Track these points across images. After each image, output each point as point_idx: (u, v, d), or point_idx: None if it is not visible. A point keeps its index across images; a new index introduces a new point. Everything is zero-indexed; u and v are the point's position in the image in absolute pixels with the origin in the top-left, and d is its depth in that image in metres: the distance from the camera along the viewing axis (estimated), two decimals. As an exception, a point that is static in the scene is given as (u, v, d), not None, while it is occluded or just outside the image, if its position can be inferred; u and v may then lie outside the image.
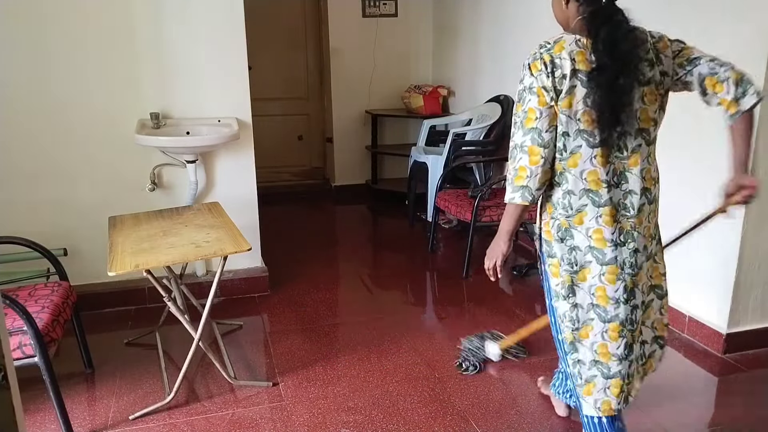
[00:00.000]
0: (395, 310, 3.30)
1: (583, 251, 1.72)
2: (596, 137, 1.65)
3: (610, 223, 1.69)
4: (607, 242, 1.70)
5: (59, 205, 3.13)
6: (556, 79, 1.62)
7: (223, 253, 2.26)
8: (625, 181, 1.70)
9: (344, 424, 2.28)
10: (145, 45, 3.10)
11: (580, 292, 1.75)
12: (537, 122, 1.65)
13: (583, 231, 1.71)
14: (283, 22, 5.58)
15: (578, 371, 1.80)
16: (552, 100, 1.63)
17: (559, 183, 1.73)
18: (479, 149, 4.48)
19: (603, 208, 1.69)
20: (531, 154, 1.66)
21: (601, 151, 1.66)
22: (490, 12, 4.60)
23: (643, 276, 1.77)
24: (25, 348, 2.01)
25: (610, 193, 1.68)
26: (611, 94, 1.59)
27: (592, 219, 1.70)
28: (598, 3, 1.65)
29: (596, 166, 1.67)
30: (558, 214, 1.75)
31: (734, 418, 2.32)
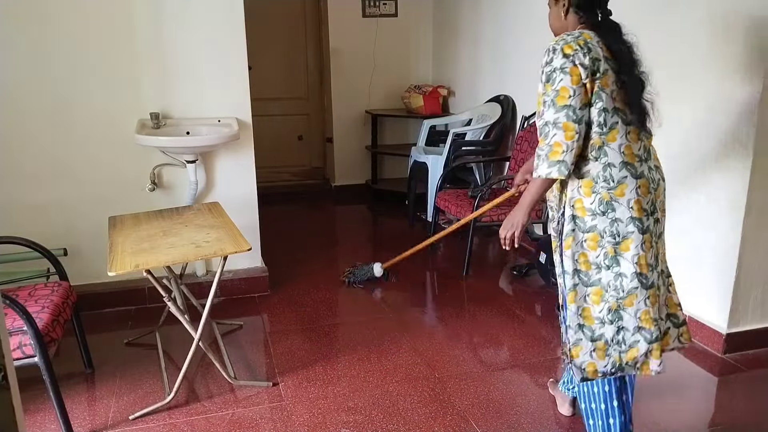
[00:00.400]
0: (395, 310, 3.30)
1: (625, 222, 1.80)
2: (627, 116, 1.80)
3: (645, 194, 1.81)
4: (643, 212, 1.81)
5: (59, 205, 3.13)
6: (592, 59, 1.75)
7: (223, 253, 2.26)
8: (650, 157, 1.86)
9: (344, 424, 2.28)
10: (145, 45, 3.10)
11: (624, 262, 1.82)
12: (571, 99, 1.75)
13: (625, 202, 1.80)
14: (283, 22, 5.58)
15: (622, 337, 1.85)
16: (587, 78, 1.74)
17: (598, 157, 1.81)
18: (479, 149, 4.48)
19: (640, 179, 1.81)
20: (566, 130, 1.76)
21: (633, 129, 1.81)
22: (491, 12, 4.60)
23: (661, 245, 1.91)
24: (25, 348, 2.02)
25: (642, 167, 1.82)
26: (636, 82, 1.79)
27: (633, 190, 1.80)
28: (595, 17, 1.84)
29: (630, 142, 1.81)
30: (599, 187, 1.81)
31: (734, 418, 2.32)
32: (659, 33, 2.90)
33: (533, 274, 3.68)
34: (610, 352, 1.87)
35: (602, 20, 1.84)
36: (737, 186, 2.60)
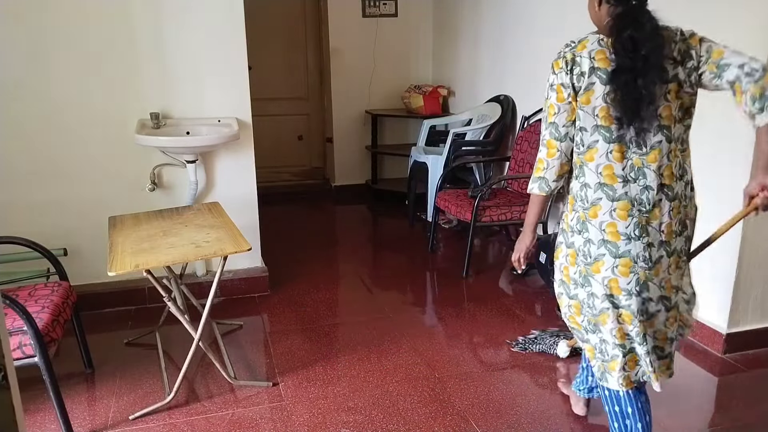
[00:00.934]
0: (395, 310, 3.30)
1: (597, 244, 1.77)
2: (613, 133, 1.71)
3: (624, 217, 1.73)
4: (621, 236, 1.73)
5: (59, 205, 3.13)
6: (575, 76, 1.71)
7: (223, 253, 2.26)
8: (642, 176, 1.72)
9: (344, 424, 2.28)
10: (145, 45, 3.10)
11: (594, 282, 1.80)
12: (555, 117, 1.76)
13: (597, 224, 1.76)
14: (283, 22, 5.58)
15: (604, 348, 1.86)
16: (569, 96, 1.72)
17: (578, 176, 1.80)
18: (479, 149, 4.48)
19: (617, 202, 1.73)
20: (549, 147, 1.79)
21: (617, 147, 1.71)
22: (491, 12, 4.60)
23: (660, 271, 1.78)
24: (25, 348, 2.02)
25: (625, 188, 1.72)
26: (630, 93, 1.65)
27: (606, 213, 1.74)
28: (626, 4, 1.69)
29: (612, 161, 1.72)
30: (578, 206, 1.81)
31: (734, 418, 2.32)
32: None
33: (533, 274, 3.68)
34: (597, 357, 1.89)
35: (633, 6, 1.69)
36: (737, 186, 2.59)
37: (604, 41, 1.71)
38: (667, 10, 1.84)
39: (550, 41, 3.89)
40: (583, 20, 3.76)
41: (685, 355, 2.77)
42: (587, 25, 3.58)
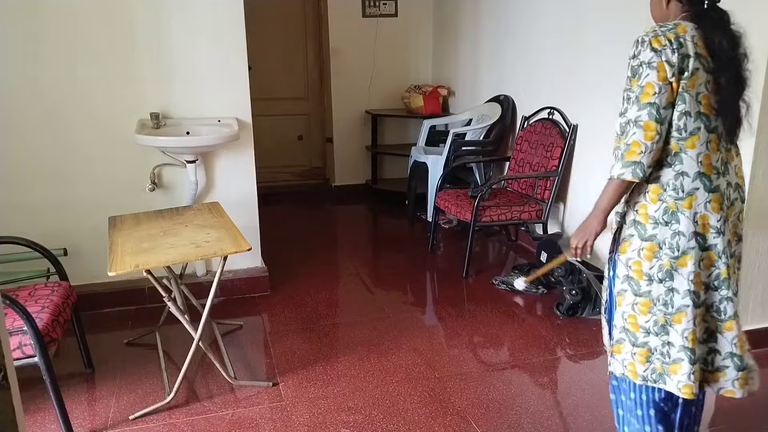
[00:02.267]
0: (395, 310, 3.30)
1: (687, 237, 1.68)
2: (711, 122, 1.67)
3: (717, 210, 1.68)
4: (711, 228, 1.69)
5: (59, 205, 3.13)
6: (681, 56, 1.62)
7: (223, 253, 2.26)
8: (727, 172, 1.71)
9: (344, 424, 2.28)
10: (145, 45, 3.10)
11: (678, 277, 1.71)
12: (655, 97, 1.63)
13: (690, 215, 1.68)
14: (283, 22, 5.58)
15: (667, 351, 1.76)
16: (673, 76, 1.62)
17: (672, 164, 1.69)
18: (479, 149, 4.48)
19: (713, 194, 1.68)
20: (647, 129, 1.64)
21: (714, 137, 1.68)
22: (490, 12, 4.60)
23: (735, 269, 1.75)
24: (25, 348, 2.02)
25: (718, 180, 1.68)
26: (733, 87, 1.64)
27: (701, 204, 1.68)
28: (700, 5, 1.66)
29: (710, 151, 1.68)
30: (667, 195, 1.70)
31: (734, 418, 2.32)
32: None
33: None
34: (652, 359, 1.78)
35: (708, 9, 1.66)
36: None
37: (696, 28, 1.65)
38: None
39: (550, 41, 3.90)
40: (583, 20, 3.76)
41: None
42: (586, 25, 3.57)
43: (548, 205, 3.71)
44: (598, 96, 3.47)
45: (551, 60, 3.89)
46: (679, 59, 1.61)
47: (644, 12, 3.02)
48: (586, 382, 2.59)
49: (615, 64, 3.30)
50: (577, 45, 3.62)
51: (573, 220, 3.80)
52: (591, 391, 2.51)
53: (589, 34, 3.51)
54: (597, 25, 3.44)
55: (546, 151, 3.78)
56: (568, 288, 3.13)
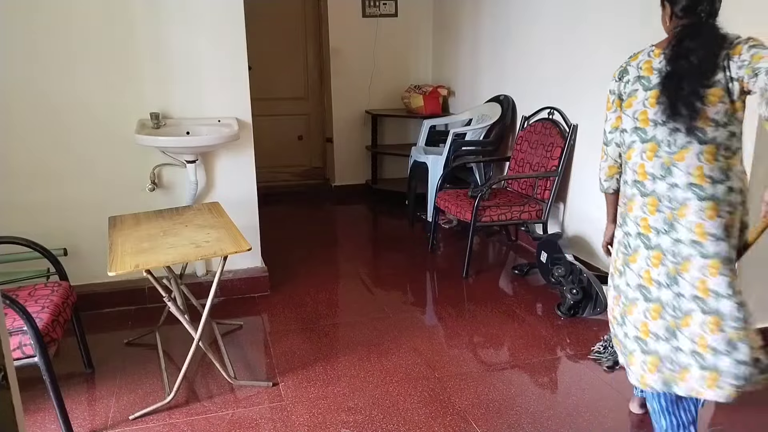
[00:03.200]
0: (395, 310, 3.30)
1: (633, 236, 1.90)
2: (647, 134, 1.84)
3: (653, 212, 1.84)
4: (651, 229, 1.85)
5: (59, 205, 3.13)
6: (623, 83, 1.92)
7: (223, 253, 2.26)
8: (670, 174, 1.80)
9: (344, 424, 2.28)
10: (145, 45, 3.10)
11: (629, 273, 1.92)
12: (606, 124, 2.02)
13: (633, 218, 1.91)
14: (283, 22, 5.58)
15: (625, 342, 1.96)
16: (614, 103, 1.97)
17: (622, 175, 2.00)
18: (479, 149, 4.48)
19: (647, 197, 1.85)
20: (601, 150, 2.07)
21: (650, 146, 1.84)
22: (491, 12, 4.60)
23: (690, 267, 1.78)
24: (25, 348, 2.02)
25: (654, 185, 1.83)
26: (670, 94, 1.76)
27: (639, 208, 1.88)
28: (692, 17, 1.80)
29: (644, 160, 1.85)
30: (621, 202, 1.99)
31: (734, 418, 2.32)
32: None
33: (534, 273, 3.68)
34: (622, 351, 1.99)
35: (693, 23, 1.79)
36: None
37: (653, 52, 1.86)
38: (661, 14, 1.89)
39: (550, 41, 3.90)
40: (583, 20, 3.77)
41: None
42: (586, 25, 3.59)
43: (548, 205, 3.71)
44: (598, 96, 3.47)
45: (551, 60, 3.89)
46: (621, 87, 1.93)
47: (644, 12, 3.03)
48: (586, 382, 2.59)
49: (615, 64, 3.30)
50: (577, 45, 3.62)
51: (573, 220, 3.80)
52: (591, 391, 2.51)
53: (589, 34, 3.51)
54: (597, 24, 3.44)
55: (546, 151, 3.78)
56: (568, 287, 3.13)
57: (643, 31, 3.07)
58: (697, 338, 1.78)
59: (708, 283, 1.77)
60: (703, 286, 1.77)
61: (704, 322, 1.77)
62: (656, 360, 1.85)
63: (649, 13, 3.00)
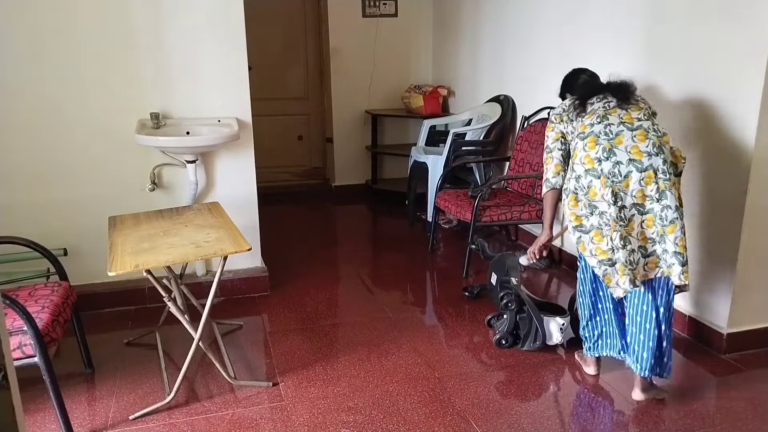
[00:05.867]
0: (395, 310, 3.30)
1: (584, 176, 2.27)
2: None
3: (593, 147, 2.26)
4: (594, 161, 2.25)
5: (59, 205, 3.13)
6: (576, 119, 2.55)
7: (223, 253, 2.26)
8: (612, 155, 2.23)
9: (344, 424, 2.28)
10: (145, 45, 3.10)
11: (599, 204, 2.25)
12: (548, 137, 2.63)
13: (578, 161, 2.31)
14: (283, 22, 5.58)
15: (602, 270, 2.28)
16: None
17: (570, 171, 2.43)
18: (479, 149, 4.48)
19: (599, 179, 2.27)
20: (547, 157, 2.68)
21: (591, 138, 2.31)
22: (491, 12, 4.60)
23: (630, 184, 2.21)
24: (25, 348, 2.02)
25: (600, 166, 2.25)
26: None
27: (581, 149, 2.31)
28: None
29: (588, 150, 2.30)
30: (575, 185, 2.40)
31: (734, 419, 2.32)
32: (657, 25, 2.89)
33: (485, 295, 3.38)
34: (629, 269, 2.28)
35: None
36: (737, 187, 2.60)
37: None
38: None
39: (550, 41, 3.90)
40: (583, 20, 3.76)
41: (685, 355, 2.77)
42: (586, 25, 3.59)
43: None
44: (598, 96, 3.46)
45: (551, 60, 3.89)
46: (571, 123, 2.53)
47: (644, 13, 3.03)
48: (586, 382, 2.59)
49: (615, 64, 3.30)
50: (577, 45, 3.62)
51: (573, 220, 3.79)
52: (591, 391, 2.51)
53: (589, 34, 3.51)
54: (597, 24, 3.44)
55: (546, 151, 3.78)
56: (508, 321, 2.85)
57: (643, 30, 3.07)
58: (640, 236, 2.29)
59: (635, 199, 2.23)
60: (631, 206, 2.24)
61: (643, 220, 2.27)
62: (622, 267, 2.24)
63: (649, 13, 3.01)
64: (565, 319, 2.76)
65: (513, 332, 2.83)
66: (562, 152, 2.52)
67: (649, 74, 3.01)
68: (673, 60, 2.86)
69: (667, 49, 2.90)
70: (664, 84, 2.93)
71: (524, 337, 2.80)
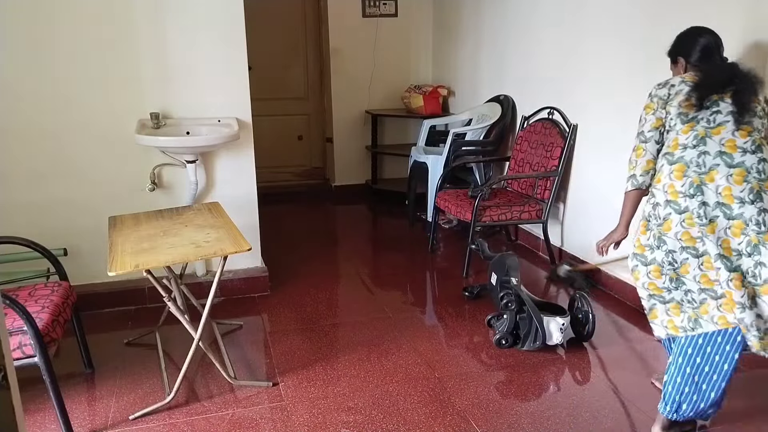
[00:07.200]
0: (395, 310, 3.30)
1: (663, 205, 2.05)
2: (674, 156, 2.09)
3: (680, 177, 2.01)
4: (678, 195, 2.01)
5: (59, 205, 3.13)
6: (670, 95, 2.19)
7: (223, 253, 2.26)
8: (699, 192, 1.98)
9: (344, 424, 2.28)
10: (145, 45, 3.10)
11: (669, 240, 2.03)
12: (645, 124, 2.18)
13: (660, 187, 2.07)
14: (283, 22, 5.58)
15: (691, 297, 2.03)
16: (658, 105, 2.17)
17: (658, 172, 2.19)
18: (479, 149, 4.48)
19: (683, 214, 2.00)
20: (637, 149, 2.22)
21: (679, 166, 2.07)
22: (491, 12, 4.60)
23: (715, 229, 1.95)
24: (25, 348, 2.02)
25: (686, 203, 2.00)
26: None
27: (666, 176, 2.06)
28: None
29: (679, 134, 2.08)
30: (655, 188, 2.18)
31: (734, 418, 2.31)
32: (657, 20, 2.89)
33: (485, 296, 3.38)
34: (685, 309, 2.04)
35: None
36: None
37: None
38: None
39: (550, 41, 3.90)
40: (583, 19, 3.76)
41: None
42: (586, 25, 3.58)
43: (548, 205, 3.71)
44: (598, 96, 3.47)
45: (551, 60, 3.89)
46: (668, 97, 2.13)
47: (644, 12, 3.03)
48: (586, 382, 2.59)
49: (615, 64, 3.31)
50: (577, 44, 3.62)
51: (573, 220, 3.80)
52: (591, 391, 2.51)
53: (589, 34, 3.51)
54: (597, 24, 3.44)
55: (546, 151, 3.78)
56: (508, 321, 2.85)
57: (643, 30, 3.07)
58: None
59: (732, 243, 1.95)
60: (727, 246, 1.96)
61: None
62: (730, 302, 1.95)
63: (649, 13, 3.01)
64: (565, 319, 2.76)
65: (513, 332, 2.84)
66: (659, 146, 2.13)
67: (649, 74, 3.01)
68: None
69: (667, 49, 2.89)
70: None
71: (524, 337, 2.80)
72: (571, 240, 3.82)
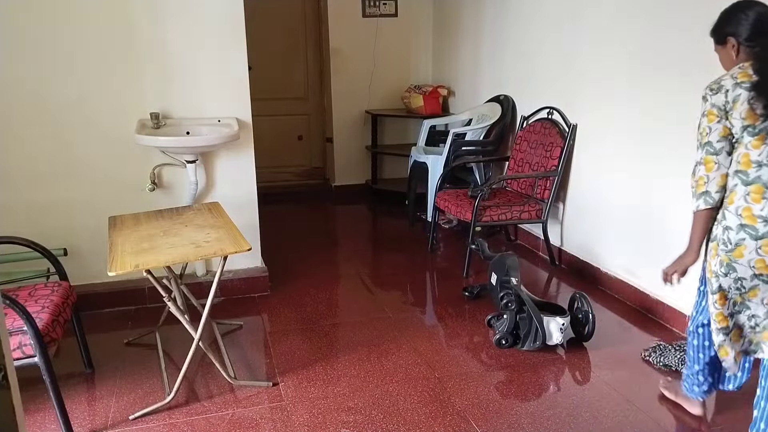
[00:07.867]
0: (395, 310, 3.30)
1: (735, 230, 1.87)
2: (756, 128, 1.83)
3: (758, 201, 1.83)
4: (757, 219, 1.83)
5: (59, 205, 3.13)
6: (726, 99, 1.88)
7: (223, 253, 2.26)
8: None
9: (344, 424, 2.28)
10: (145, 45, 3.10)
11: (739, 268, 1.88)
12: (711, 134, 1.90)
13: (733, 210, 1.87)
14: (283, 22, 5.58)
15: (755, 322, 1.93)
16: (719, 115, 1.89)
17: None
18: (479, 149, 4.48)
19: (751, 186, 1.84)
20: (706, 162, 1.95)
21: (760, 137, 1.84)
22: (491, 12, 4.60)
23: None
24: (25, 348, 2.02)
25: (759, 172, 1.83)
26: None
27: (741, 198, 1.86)
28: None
29: (750, 149, 1.84)
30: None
31: (734, 419, 2.32)
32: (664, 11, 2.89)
33: (485, 295, 3.37)
34: (747, 333, 1.97)
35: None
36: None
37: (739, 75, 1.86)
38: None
39: (550, 41, 3.90)
40: (583, 19, 3.76)
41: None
42: (586, 25, 3.58)
43: (548, 204, 3.71)
44: (598, 95, 3.47)
45: (551, 60, 3.89)
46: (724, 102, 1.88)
47: (644, 12, 3.03)
48: (586, 382, 2.59)
49: (614, 64, 3.31)
50: (577, 45, 3.62)
51: (572, 220, 3.80)
52: (591, 391, 2.51)
53: (588, 34, 3.51)
54: (596, 24, 3.44)
55: (546, 150, 3.78)
56: (508, 321, 2.85)
57: (643, 30, 3.07)
58: None
59: None
60: None
61: None
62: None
63: (649, 13, 3.01)
64: (565, 319, 2.76)
65: (513, 332, 2.84)
66: (731, 157, 1.89)
67: (649, 74, 3.01)
68: (674, 60, 2.86)
69: (668, 49, 2.90)
70: (665, 84, 2.93)
71: (524, 337, 2.80)
72: (570, 239, 3.82)
